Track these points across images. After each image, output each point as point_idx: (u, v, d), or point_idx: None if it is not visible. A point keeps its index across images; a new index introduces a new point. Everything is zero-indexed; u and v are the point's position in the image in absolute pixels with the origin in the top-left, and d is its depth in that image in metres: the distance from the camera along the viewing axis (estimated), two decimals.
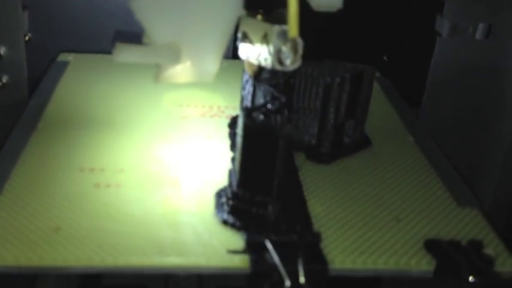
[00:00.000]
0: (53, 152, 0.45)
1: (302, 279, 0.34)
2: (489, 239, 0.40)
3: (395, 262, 0.37)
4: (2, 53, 0.54)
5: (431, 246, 0.38)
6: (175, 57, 0.37)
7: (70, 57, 0.63)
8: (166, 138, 0.49)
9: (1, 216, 0.38)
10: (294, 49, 0.38)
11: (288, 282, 0.33)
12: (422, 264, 0.37)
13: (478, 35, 0.58)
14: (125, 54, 0.36)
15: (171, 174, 0.44)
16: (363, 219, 0.41)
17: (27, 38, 0.61)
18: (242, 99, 0.48)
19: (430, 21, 0.63)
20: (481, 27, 0.58)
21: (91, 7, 0.65)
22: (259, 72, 0.44)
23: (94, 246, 0.36)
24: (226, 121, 0.52)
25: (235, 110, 0.54)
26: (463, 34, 0.59)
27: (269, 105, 0.40)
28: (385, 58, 0.74)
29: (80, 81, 0.58)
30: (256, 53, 0.41)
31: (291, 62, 0.38)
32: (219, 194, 0.41)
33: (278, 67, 0.39)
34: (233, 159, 0.45)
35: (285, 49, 0.38)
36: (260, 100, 0.44)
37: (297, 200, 0.42)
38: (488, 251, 0.38)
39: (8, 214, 0.38)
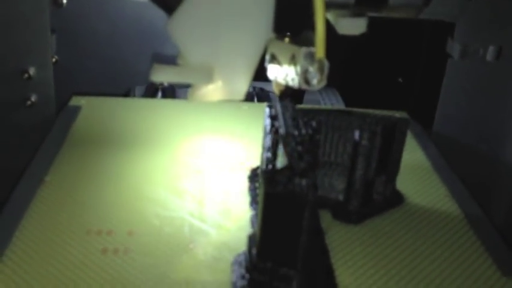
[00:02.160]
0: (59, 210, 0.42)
1: None
2: None
3: None
4: (31, 73, 0.56)
5: None
6: (208, 77, 0.39)
7: (83, 101, 0.60)
8: (180, 195, 0.46)
9: (1, 279, 0.34)
10: (321, 69, 0.37)
11: None
12: None
13: (489, 57, 0.57)
14: (161, 74, 0.38)
15: (185, 236, 0.40)
16: None
17: (54, 59, 0.63)
18: (263, 149, 0.45)
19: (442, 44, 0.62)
20: (491, 49, 0.57)
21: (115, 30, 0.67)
22: (285, 92, 0.43)
23: None
24: (246, 173, 0.49)
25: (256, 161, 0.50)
26: (474, 56, 0.58)
27: (294, 167, 0.36)
28: (400, 80, 0.73)
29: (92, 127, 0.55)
30: (283, 73, 0.41)
31: (317, 82, 0.37)
32: (237, 262, 0.37)
33: (305, 86, 0.38)
34: (252, 222, 0.42)
35: (312, 69, 0.37)
36: (281, 156, 0.40)
37: (324, 270, 0.38)
38: None
39: (8, 279, 0.34)
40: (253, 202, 0.45)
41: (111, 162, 0.49)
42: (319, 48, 0.37)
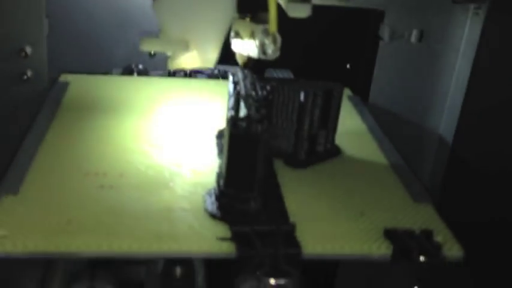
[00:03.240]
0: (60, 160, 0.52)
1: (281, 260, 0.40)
2: (439, 229, 0.46)
3: (360, 248, 0.44)
4: (28, 51, 0.64)
5: (389, 234, 0.45)
6: (184, 47, 0.49)
7: (69, 77, 0.69)
8: (160, 149, 0.55)
9: (20, 211, 0.44)
10: (274, 41, 0.46)
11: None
12: (382, 249, 0.44)
13: (413, 39, 0.70)
14: (148, 44, 0.49)
15: (165, 177, 0.50)
16: (332, 213, 0.47)
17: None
18: (228, 109, 0.55)
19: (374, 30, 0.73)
20: (414, 32, 0.70)
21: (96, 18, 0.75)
22: (248, 63, 0.54)
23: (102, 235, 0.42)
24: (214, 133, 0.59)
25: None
26: (401, 38, 0.70)
27: (252, 116, 0.46)
28: (348, 66, 0.84)
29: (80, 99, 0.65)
30: (245, 46, 0.51)
31: (272, 52, 0.47)
32: (208, 194, 0.48)
33: (262, 56, 0.48)
34: (220, 165, 0.52)
35: (267, 42, 0.46)
36: (243, 112, 0.51)
37: (275, 198, 0.48)
38: (438, 238, 0.45)
39: (25, 209, 0.44)
40: (220, 153, 0.55)
41: (101, 125, 0.59)
42: (272, 24, 0.47)
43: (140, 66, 0.79)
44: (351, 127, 0.64)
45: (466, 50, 0.66)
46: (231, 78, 0.54)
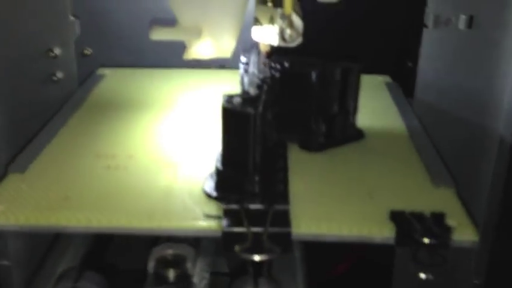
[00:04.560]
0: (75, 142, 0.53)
1: (265, 237, 0.38)
2: (455, 213, 0.42)
3: (359, 229, 0.41)
4: (57, 53, 0.64)
5: (395, 216, 0.41)
6: (198, 34, 0.46)
7: (106, 71, 0.71)
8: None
9: (22, 188, 0.45)
10: (290, 24, 0.43)
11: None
12: (385, 231, 0.40)
13: (461, 26, 0.60)
14: (159, 33, 0.46)
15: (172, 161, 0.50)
16: (337, 196, 0.45)
17: (88, 52, 0.73)
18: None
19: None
20: (462, 18, 0.60)
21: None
22: (271, 52, 0.51)
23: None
24: None
25: None
26: (447, 25, 0.61)
27: (248, 93, 0.45)
28: (409, 64, 0.76)
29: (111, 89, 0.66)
30: (265, 33, 0.48)
31: (289, 37, 0.44)
32: (210, 175, 0.46)
33: (282, 43, 0.45)
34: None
35: (284, 26, 0.43)
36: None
37: (279, 181, 0.46)
38: (450, 221, 0.41)
39: (28, 186, 0.45)
40: None
41: (125, 114, 0.59)
42: (287, 6, 0.44)
43: None
44: (381, 110, 0.61)
45: None
46: (242, 57, 0.52)
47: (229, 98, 0.43)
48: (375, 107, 0.61)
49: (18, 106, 0.52)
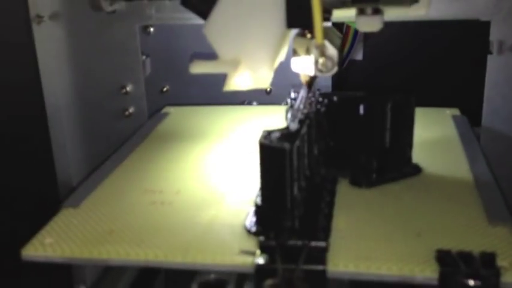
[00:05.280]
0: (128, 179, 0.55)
1: (297, 275, 0.37)
2: (509, 253, 0.39)
3: (399, 269, 0.38)
4: (128, 89, 0.70)
5: (442, 256, 0.39)
6: (236, 67, 0.47)
7: (171, 109, 0.73)
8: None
9: (73, 222, 0.46)
10: (322, 53, 0.43)
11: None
12: (427, 271, 0.38)
13: None
14: (199, 67, 0.48)
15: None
16: (382, 234, 0.43)
17: (165, 89, 0.80)
18: None
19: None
20: None
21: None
22: (310, 82, 0.51)
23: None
24: None
25: None
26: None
27: (291, 127, 0.44)
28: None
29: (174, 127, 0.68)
30: (303, 64, 0.48)
31: (322, 66, 0.43)
32: (252, 212, 0.46)
33: (318, 74, 0.45)
34: None
35: (317, 56, 0.43)
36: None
37: (323, 217, 0.45)
38: (503, 263, 0.38)
39: (78, 221, 0.47)
40: None
41: (184, 151, 0.61)
42: (318, 35, 0.44)
43: (254, 103, 0.80)
44: (443, 144, 0.58)
45: None
46: (291, 93, 0.52)
47: (267, 134, 0.43)
48: (437, 141, 0.58)
49: (95, 140, 0.57)
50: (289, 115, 0.48)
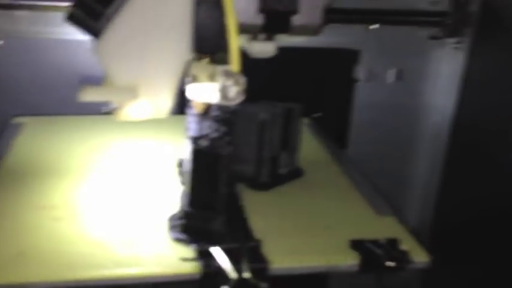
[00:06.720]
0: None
1: (246, 275, 0.39)
2: (404, 239, 0.46)
3: (326, 260, 0.43)
4: None
5: (356, 245, 0.45)
6: (133, 95, 0.42)
7: (24, 119, 0.68)
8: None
9: None
10: (236, 83, 0.43)
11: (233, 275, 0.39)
12: (349, 260, 0.43)
13: (389, 79, 0.67)
14: (89, 94, 0.41)
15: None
16: (296, 230, 0.47)
17: None
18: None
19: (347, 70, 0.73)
20: (390, 72, 0.67)
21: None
22: (206, 109, 0.48)
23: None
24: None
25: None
26: (377, 79, 0.69)
27: (213, 134, 0.46)
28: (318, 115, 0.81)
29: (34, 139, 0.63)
30: (204, 91, 0.45)
31: (234, 95, 0.43)
32: (172, 218, 0.47)
33: (224, 101, 0.43)
34: (184, 189, 0.51)
35: (229, 84, 0.42)
36: (205, 132, 0.50)
37: (240, 219, 0.48)
38: (403, 246, 0.45)
39: None
40: (183, 181, 0.54)
41: (48, 162, 0.58)
42: (235, 64, 0.43)
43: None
44: (311, 151, 0.65)
45: (447, 86, 0.63)
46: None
47: (196, 140, 0.44)
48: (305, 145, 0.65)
49: None
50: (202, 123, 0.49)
